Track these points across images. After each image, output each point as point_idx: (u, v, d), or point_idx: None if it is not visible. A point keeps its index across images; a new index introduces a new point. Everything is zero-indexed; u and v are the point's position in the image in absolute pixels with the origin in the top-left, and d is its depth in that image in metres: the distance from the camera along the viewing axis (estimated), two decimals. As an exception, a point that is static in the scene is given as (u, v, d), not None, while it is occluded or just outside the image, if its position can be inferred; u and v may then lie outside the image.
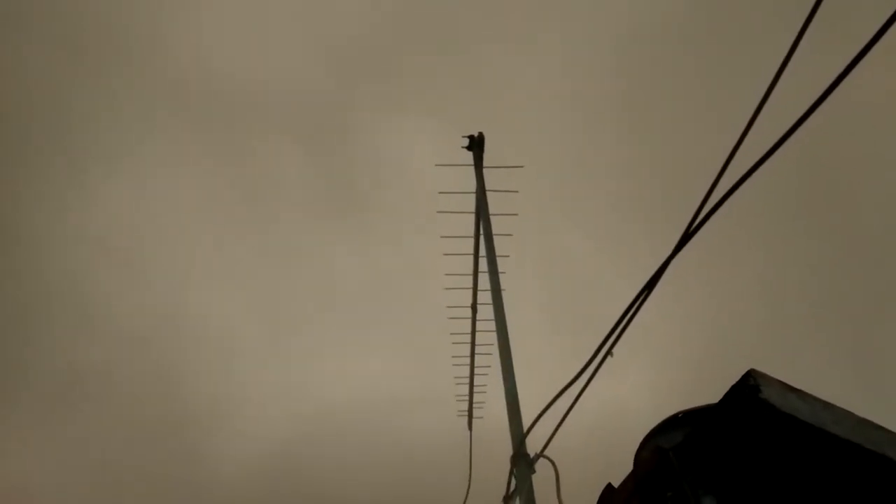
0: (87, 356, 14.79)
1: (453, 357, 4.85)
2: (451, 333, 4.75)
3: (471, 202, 4.54)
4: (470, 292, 4.50)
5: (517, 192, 4.48)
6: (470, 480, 4.73)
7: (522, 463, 3.52)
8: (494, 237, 4.44)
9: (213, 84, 14.41)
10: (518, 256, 4.82)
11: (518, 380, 3.97)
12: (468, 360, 4.69)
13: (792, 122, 2.37)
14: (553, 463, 3.66)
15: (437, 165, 4.47)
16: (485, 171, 4.63)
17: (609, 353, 3.37)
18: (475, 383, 4.80)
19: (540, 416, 3.74)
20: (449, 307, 4.60)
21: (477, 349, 4.67)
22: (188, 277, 15.66)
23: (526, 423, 3.95)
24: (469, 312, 4.57)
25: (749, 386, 5.76)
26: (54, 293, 14.87)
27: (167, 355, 15.22)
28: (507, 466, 4.53)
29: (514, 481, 3.68)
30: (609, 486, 6.56)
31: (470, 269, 4.54)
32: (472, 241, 4.40)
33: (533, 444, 4.30)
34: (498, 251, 4.58)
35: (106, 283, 15.05)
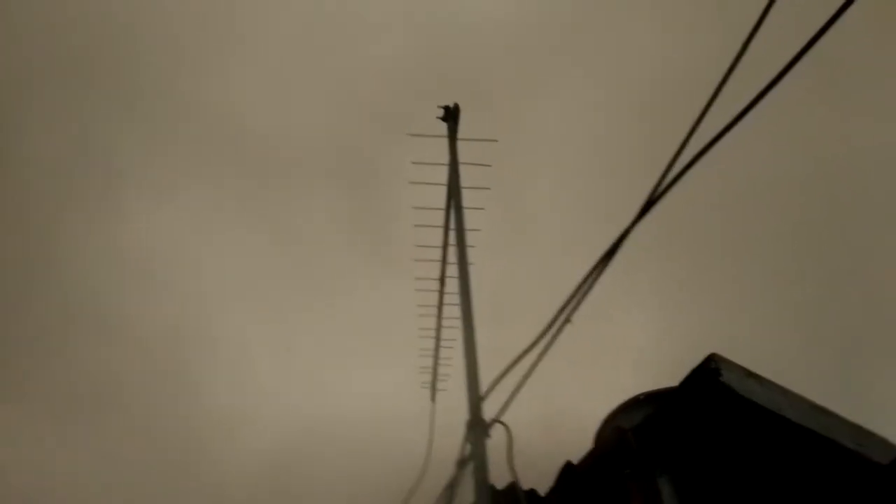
0: (104, 365, 15.08)
1: (420, 329, 4.84)
2: (419, 305, 4.74)
3: (444, 174, 4.52)
4: (439, 265, 4.50)
5: (490, 166, 4.45)
6: (430, 450, 4.74)
7: (477, 428, 3.53)
8: (466, 210, 4.43)
9: (247, 131, 14.96)
10: (489, 231, 4.82)
11: (484, 350, 4.00)
12: (434, 333, 4.70)
13: (746, 103, 2.40)
14: (507, 428, 3.68)
15: (409, 134, 4.41)
16: (459, 144, 4.61)
17: (567, 320, 3.39)
18: (441, 356, 4.82)
19: (496, 382, 3.74)
20: (417, 279, 4.58)
21: (444, 322, 4.69)
22: (208, 299, 16.01)
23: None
24: (437, 285, 4.57)
25: (710, 369, 5.87)
26: (83, 304, 15.23)
27: (180, 369, 15.52)
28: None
29: (469, 447, 3.71)
30: (568, 462, 6.66)
31: (440, 242, 4.54)
32: (443, 214, 4.39)
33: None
34: (470, 224, 4.57)
35: (131, 300, 15.43)
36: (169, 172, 16.01)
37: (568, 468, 6.67)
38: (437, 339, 4.48)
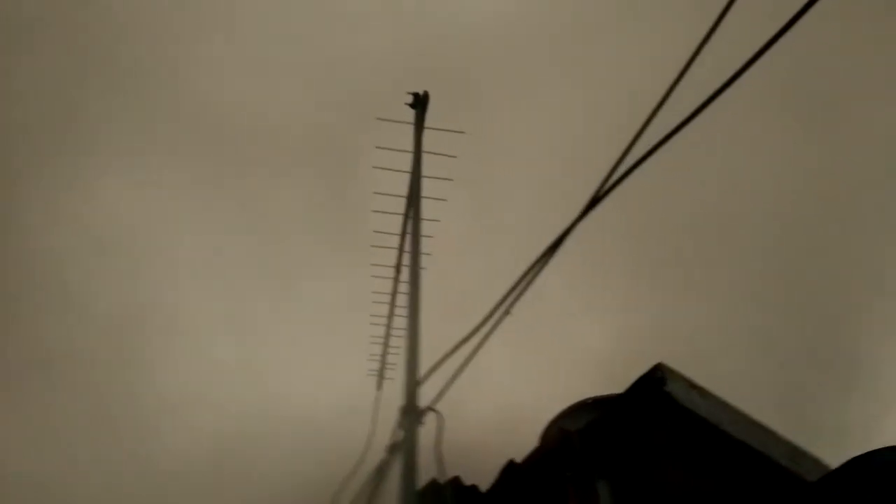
0: (58, 337, 14.69)
1: (371, 316, 4.81)
2: (373, 292, 4.71)
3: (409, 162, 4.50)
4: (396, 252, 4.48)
5: (455, 157, 4.45)
6: (371, 438, 4.72)
7: (410, 414, 3.53)
8: (428, 200, 4.42)
9: (225, 113, 14.65)
10: (450, 222, 4.82)
11: (439, 340, 4.01)
12: (386, 321, 4.69)
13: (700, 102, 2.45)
14: (440, 416, 3.68)
15: (377, 119, 4.39)
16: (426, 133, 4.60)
17: (507, 311, 3.41)
18: (391, 344, 4.81)
19: (433, 368, 3.75)
20: (373, 265, 4.55)
21: (397, 311, 4.68)
22: (170, 278, 15.66)
23: (437, 382, 4.00)
24: (393, 272, 4.55)
25: (655, 378, 5.97)
26: (40, 275, 14.75)
27: (135, 345, 15.19)
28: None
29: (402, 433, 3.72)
30: (511, 461, 6.71)
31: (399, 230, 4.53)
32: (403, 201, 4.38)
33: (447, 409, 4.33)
34: (431, 214, 4.57)
35: (92, 274, 14.98)
36: (142, 147, 15.72)
37: (510, 466, 6.72)
38: (388, 327, 4.47)
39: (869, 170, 13.67)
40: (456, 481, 7.37)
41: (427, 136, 4.79)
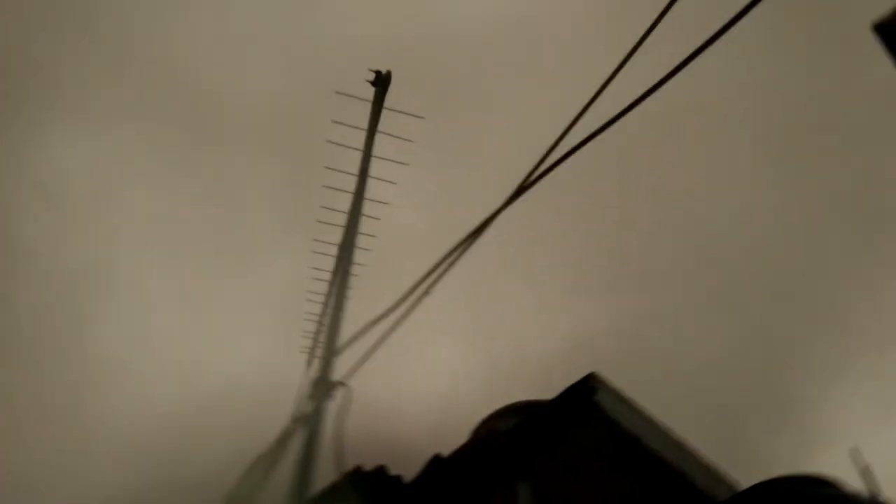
0: (5, 292, 14.20)
1: (308, 292, 4.76)
2: (313, 268, 4.65)
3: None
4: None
5: (412, 141, 4.43)
6: (295, 417, 4.66)
7: (321, 386, 3.50)
8: (380, 182, 4.41)
9: (194, 81, 14.32)
10: (399, 206, 4.81)
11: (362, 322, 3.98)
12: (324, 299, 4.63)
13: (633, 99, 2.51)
14: (350, 391, 3.64)
15: (336, 92, 4.35)
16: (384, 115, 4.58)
17: (426, 292, 3.42)
18: (325, 323, 4.74)
19: (348, 343, 3.72)
20: (315, 240, 4.50)
21: (336, 289, 4.62)
22: (120, 242, 15.22)
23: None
24: (336, 250, 4.51)
25: (586, 388, 6.07)
26: None
27: (77, 309, 14.75)
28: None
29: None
30: (437, 455, 6.73)
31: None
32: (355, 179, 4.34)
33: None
34: (382, 197, 4.56)
35: (38, 231, 14.48)
36: (103, 105, 15.32)
37: (436, 460, 6.74)
38: (326, 304, 4.43)
39: (828, 207, 14.09)
40: (381, 470, 7.37)
41: (394, 122, 4.78)
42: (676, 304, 13.89)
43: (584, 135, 2.63)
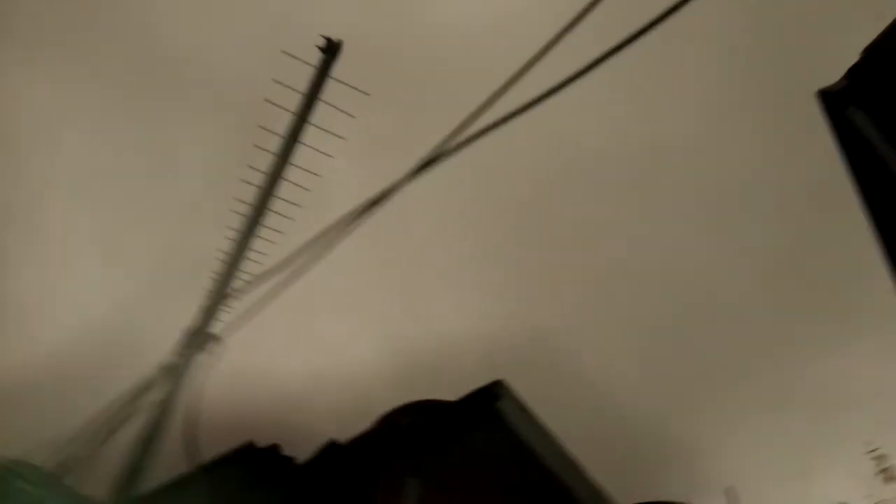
0: None
1: (216, 251, 4.61)
2: (227, 227, 4.52)
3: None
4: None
5: (354, 117, 4.34)
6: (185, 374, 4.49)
7: (195, 338, 3.36)
8: (315, 153, 4.31)
9: (154, 35, 13.85)
10: (330, 178, 4.73)
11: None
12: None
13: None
14: (221, 346, 3.51)
15: (282, 52, 4.23)
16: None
17: (319, 254, 3.36)
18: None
19: (220, 298, 3.58)
20: (235, 199, 4.37)
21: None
22: (50, 183, 14.60)
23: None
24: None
25: (491, 394, 6.11)
26: None
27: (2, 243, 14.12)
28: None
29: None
30: (332, 441, 6.65)
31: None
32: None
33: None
34: (314, 168, 4.45)
35: None
36: (55, 44, 14.67)
37: (331, 445, 6.66)
38: (226, 262, 4.26)
39: (755, 262, 14.64)
40: (274, 449, 7.23)
41: (349, 99, 4.71)
42: (593, 322, 14.16)
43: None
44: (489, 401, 6.04)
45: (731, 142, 13.99)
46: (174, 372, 3.21)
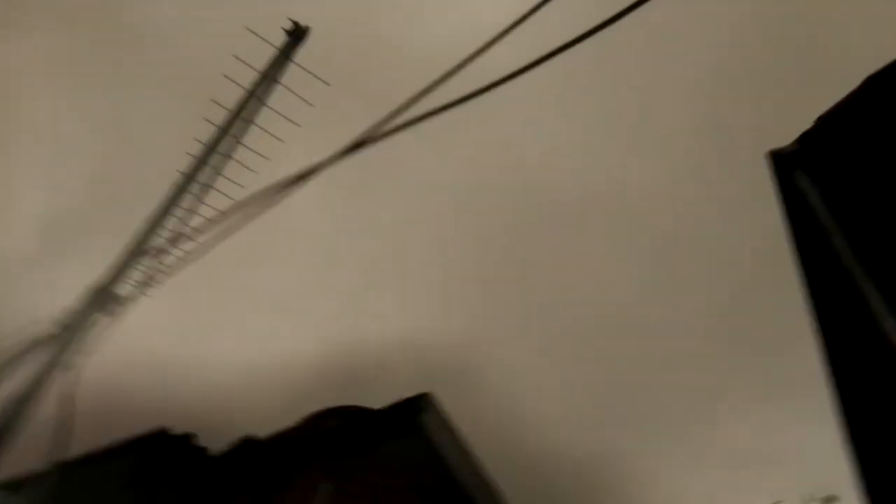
0: None
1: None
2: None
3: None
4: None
5: (313, 106, 4.26)
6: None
7: (97, 294, 3.18)
8: (265, 133, 4.22)
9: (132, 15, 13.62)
10: (276, 159, 4.63)
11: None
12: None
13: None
14: (121, 305, 3.33)
15: (245, 28, 4.14)
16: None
17: (229, 223, 3.26)
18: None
19: (132, 258, 3.43)
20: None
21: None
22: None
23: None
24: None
25: (416, 406, 6.03)
26: None
27: None
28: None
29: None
30: (248, 436, 6.48)
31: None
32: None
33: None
34: (262, 149, 4.35)
35: None
36: (23, 9, 14.17)
37: (247, 441, 6.48)
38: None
39: (693, 317, 14.91)
40: (187, 438, 6.99)
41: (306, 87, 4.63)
42: (525, 352, 14.20)
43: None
44: (413, 413, 5.97)
45: (686, 193, 14.33)
46: (67, 331, 3.04)
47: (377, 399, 7.03)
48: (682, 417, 14.19)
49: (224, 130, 3.52)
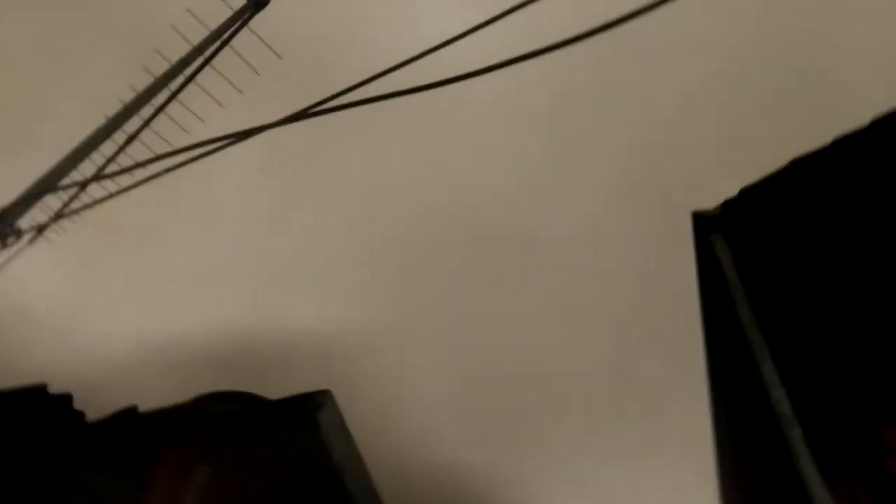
0: None
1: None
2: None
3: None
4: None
5: (259, 75, 4.18)
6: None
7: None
8: (209, 91, 4.09)
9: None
10: (216, 121, 4.50)
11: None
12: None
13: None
14: (25, 239, 3.18)
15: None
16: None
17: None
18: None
19: (39, 193, 3.27)
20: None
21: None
22: None
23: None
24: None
25: (313, 401, 5.91)
26: None
27: None
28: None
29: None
30: (131, 406, 6.19)
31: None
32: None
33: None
34: (200, 106, 4.22)
35: None
36: None
37: (129, 410, 6.18)
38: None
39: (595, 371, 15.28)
40: (66, 398, 6.61)
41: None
42: (434, 373, 14.23)
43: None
44: (309, 408, 5.84)
45: (609, 242, 14.78)
46: None
47: (274, 391, 6.84)
48: (564, 459, 14.48)
49: (161, 82, 3.39)
